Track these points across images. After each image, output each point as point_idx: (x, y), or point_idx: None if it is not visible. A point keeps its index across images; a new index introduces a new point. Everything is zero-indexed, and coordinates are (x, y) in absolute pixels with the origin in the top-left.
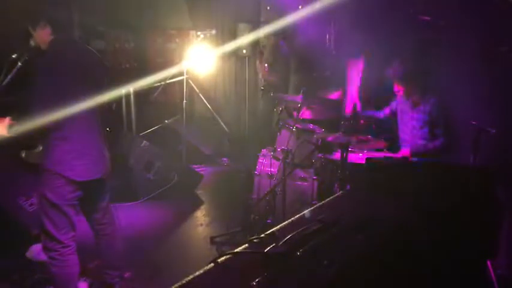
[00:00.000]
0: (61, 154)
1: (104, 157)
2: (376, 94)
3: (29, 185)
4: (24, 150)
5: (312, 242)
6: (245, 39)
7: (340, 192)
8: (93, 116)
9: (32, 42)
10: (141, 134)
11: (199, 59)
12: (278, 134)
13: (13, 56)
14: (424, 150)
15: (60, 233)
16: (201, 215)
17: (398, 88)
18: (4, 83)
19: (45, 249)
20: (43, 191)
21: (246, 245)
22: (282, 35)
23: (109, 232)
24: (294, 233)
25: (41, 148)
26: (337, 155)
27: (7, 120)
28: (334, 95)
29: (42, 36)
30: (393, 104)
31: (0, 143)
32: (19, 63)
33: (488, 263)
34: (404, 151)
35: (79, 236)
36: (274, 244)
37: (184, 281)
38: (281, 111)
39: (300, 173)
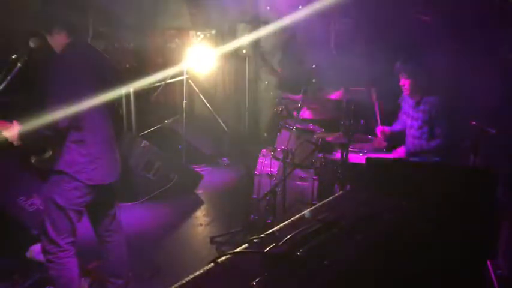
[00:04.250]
0: (77, 157)
1: (116, 162)
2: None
3: (29, 185)
4: (34, 156)
5: (312, 242)
6: (245, 39)
7: (340, 192)
8: (108, 119)
9: (31, 44)
10: (141, 134)
11: (199, 59)
12: (278, 134)
13: (13, 57)
14: (419, 151)
15: (60, 237)
16: (201, 215)
17: (403, 82)
18: (4, 83)
19: (44, 251)
20: (51, 194)
21: (246, 245)
22: (292, 30)
23: (115, 239)
24: (294, 233)
25: (51, 153)
26: (337, 155)
27: (16, 124)
28: (334, 95)
29: (58, 39)
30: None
31: (1, 143)
32: (19, 64)
33: (488, 263)
34: (400, 151)
35: (80, 237)
36: (274, 244)
37: (184, 281)
38: (281, 111)
39: (300, 173)
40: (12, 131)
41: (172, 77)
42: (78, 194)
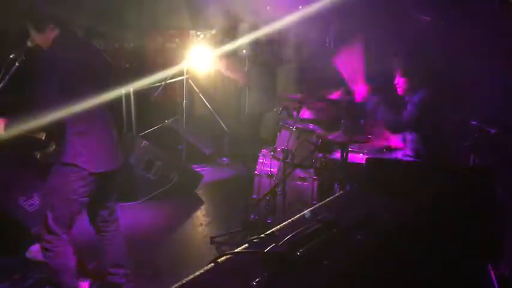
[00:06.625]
0: (80, 148)
1: (117, 149)
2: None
3: (29, 185)
4: (38, 152)
5: (312, 242)
6: (245, 39)
7: (340, 192)
8: (105, 111)
9: (29, 43)
10: (141, 134)
11: (199, 59)
12: (278, 134)
13: (11, 57)
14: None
15: (58, 227)
16: (201, 215)
17: (398, 80)
18: (2, 83)
19: (41, 239)
20: (57, 184)
21: (246, 245)
22: (271, 38)
23: (113, 229)
24: (294, 233)
25: (54, 147)
26: (337, 155)
27: (1, 120)
28: (334, 95)
29: (48, 36)
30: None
31: (1, 142)
32: (17, 64)
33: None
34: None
35: (80, 236)
36: (274, 244)
37: (184, 281)
38: (281, 111)
39: (300, 173)
40: None
41: (172, 77)
42: (83, 183)
